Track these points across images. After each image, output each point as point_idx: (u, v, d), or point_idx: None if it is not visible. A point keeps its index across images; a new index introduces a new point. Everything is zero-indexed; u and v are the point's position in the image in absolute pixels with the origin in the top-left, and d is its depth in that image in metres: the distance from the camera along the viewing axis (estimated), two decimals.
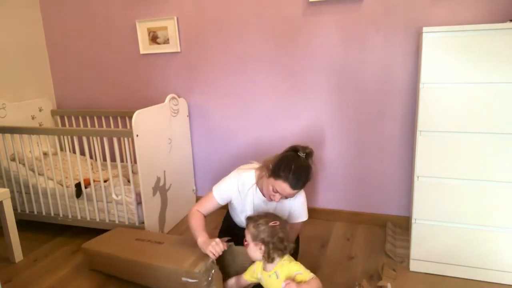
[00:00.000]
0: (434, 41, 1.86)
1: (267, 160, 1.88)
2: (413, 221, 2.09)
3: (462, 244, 2.03)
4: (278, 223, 1.72)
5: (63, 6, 3.18)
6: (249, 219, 1.78)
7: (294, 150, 1.85)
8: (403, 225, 2.62)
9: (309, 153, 1.85)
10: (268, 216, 1.76)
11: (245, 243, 1.75)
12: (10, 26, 3.03)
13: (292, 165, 1.76)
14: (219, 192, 1.97)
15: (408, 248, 2.26)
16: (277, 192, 1.79)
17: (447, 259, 2.07)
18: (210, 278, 1.77)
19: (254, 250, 1.72)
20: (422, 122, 1.96)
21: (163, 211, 2.70)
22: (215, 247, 1.76)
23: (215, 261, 1.82)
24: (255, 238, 1.71)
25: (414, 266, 2.14)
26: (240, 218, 2.03)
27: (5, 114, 2.90)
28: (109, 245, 2.25)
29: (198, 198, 3.16)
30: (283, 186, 1.76)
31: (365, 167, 2.65)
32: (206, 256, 1.81)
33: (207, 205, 1.98)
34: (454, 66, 1.86)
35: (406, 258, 2.23)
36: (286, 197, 1.83)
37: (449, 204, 2.00)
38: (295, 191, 1.79)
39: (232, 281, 1.90)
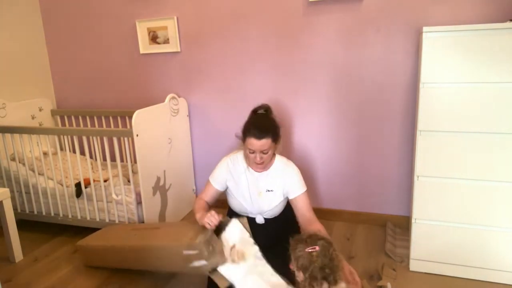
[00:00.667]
0: (434, 41, 1.86)
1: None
2: (413, 220, 2.09)
3: (462, 243, 2.03)
4: (317, 248, 1.48)
5: (63, 6, 3.18)
6: (292, 240, 1.58)
7: (253, 112, 2.00)
8: (403, 225, 2.62)
9: (266, 109, 1.99)
10: (312, 238, 1.55)
11: (291, 266, 1.59)
12: (10, 26, 3.03)
13: (251, 121, 1.92)
14: (213, 177, 2.06)
15: (408, 248, 2.26)
16: (253, 152, 1.87)
17: (447, 259, 2.07)
18: (211, 248, 1.77)
19: (299, 276, 1.53)
20: (422, 121, 1.96)
21: (163, 211, 2.70)
22: (210, 217, 1.79)
23: (213, 232, 1.81)
24: (295, 264, 1.52)
25: (414, 266, 2.14)
26: (238, 201, 2.02)
27: (5, 114, 2.90)
28: (104, 239, 2.27)
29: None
30: (252, 141, 1.84)
31: (365, 167, 2.65)
32: (205, 229, 1.83)
33: (207, 192, 2.07)
34: (454, 66, 1.86)
35: (406, 258, 2.24)
36: (264, 153, 1.86)
37: (449, 204, 2.00)
38: (263, 141, 1.83)
39: None
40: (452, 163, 1.95)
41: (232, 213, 2.15)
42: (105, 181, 2.64)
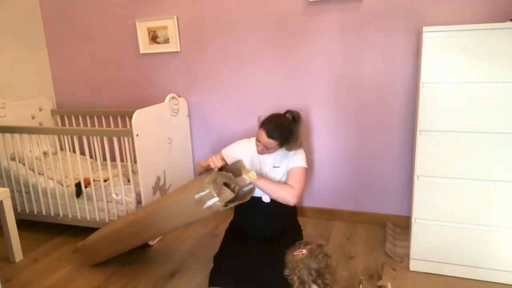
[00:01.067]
0: (434, 40, 1.87)
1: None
2: (413, 220, 2.09)
3: (462, 243, 2.03)
4: (303, 251, 1.50)
5: (63, 6, 3.17)
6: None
7: (286, 112, 2.08)
8: (403, 224, 2.62)
9: (295, 116, 2.05)
10: (303, 243, 1.57)
11: (285, 272, 1.60)
12: (10, 25, 3.03)
13: (274, 119, 2.00)
14: (225, 151, 2.18)
15: (408, 247, 2.26)
16: (259, 141, 2.00)
17: (447, 259, 2.08)
18: (219, 184, 1.91)
19: (292, 280, 1.54)
20: (422, 121, 1.96)
21: None
22: (214, 160, 2.01)
23: (217, 171, 1.98)
24: (287, 269, 1.55)
25: (414, 265, 2.14)
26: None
27: (5, 114, 2.90)
28: (105, 229, 2.30)
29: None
30: (261, 133, 1.97)
31: (364, 167, 2.65)
32: (209, 172, 1.99)
33: (219, 155, 2.15)
34: (454, 66, 1.86)
35: (406, 257, 2.24)
36: (267, 148, 1.99)
37: (449, 204, 2.00)
38: (270, 141, 1.95)
39: None
40: (452, 163, 1.95)
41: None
42: (105, 181, 2.64)
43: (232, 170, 2.09)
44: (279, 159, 2.11)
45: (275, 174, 2.10)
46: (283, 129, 1.97)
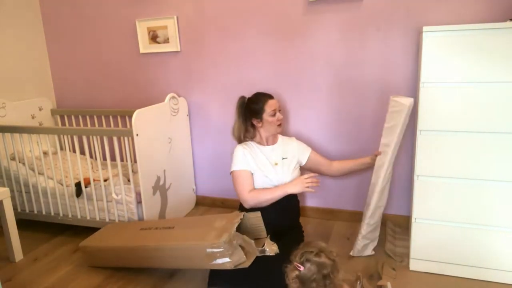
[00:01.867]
0: (434, 40, 1.86)
1: (236, 128, 2.32)
2: (413, 220, 2.09)
3: (462, 243, 2.03)
4: (301, 268, 1.43)
5: (63, 5, 3.17)
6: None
7: (243, 97, 2.32)
8: (403, 224, 2.62)
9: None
10: (304, 255, 1.46)
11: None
12: (10, 25, 3.03)
13: (255, 96, 2.27)
14: (237, 164, 2.17)
15: (408, 247, 2.26)
16: (274, 114, 2.19)
17: (447, 258, 2.07)
18: (233, 247, 1.85)
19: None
20: (422, 121, 1.96)
21: (163, 210, 2.70)
22: (310, 181, 2.07)
23: (236, 231, 1.89)
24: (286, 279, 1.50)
25: (414, 265, 2.14)
26: (263, 174, 2.17)
27: (5, 114, 2.90)
28: (110, 240, 2.26)
29: (198, 198, 3.16)
30: (271, 102, 2.21)
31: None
32: (227, 227, 1.90)
33: (246, 181, 2.14)
34: (454, 65, 1.86)
35: (406, 257, 2.24)
36: (279, 111, 2.23)
37: (449, 204, 2.00)
38: (275, 100, 2.25)
39: None
40: (453, 162, 1.95)
41: (243, 209, 2.18)
42: (105, 180, 2.64)
43: (251, 229, 2.06)
44: (282, 149, 2.26)
45: (288, 165, 2.22)
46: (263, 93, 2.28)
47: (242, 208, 2.21)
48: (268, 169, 2.18)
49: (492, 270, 2.01)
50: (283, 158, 2.23)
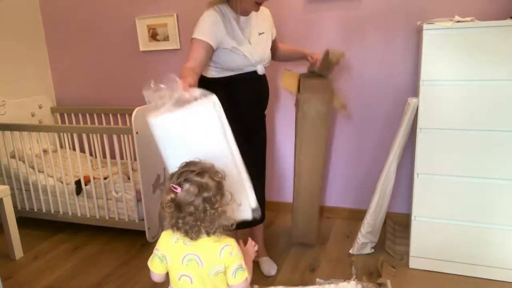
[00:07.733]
0: (434, 38, 1.86)
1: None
2: (413, 218, 2.09)
3: (461, 241, 2.03)
4: (179, 189, 1.24)
5: (63, 3, 3.17)
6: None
7: None
8: (403, 222, 2.62)
9: None
10: (186, 170, 1.27)
11: None
12: (10, 23, 3.03)
13: None
14: (203, 33, 1.75)
15: (407, 245, 2.26)
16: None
17: (446, 256, 2.08)
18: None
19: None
20: (422, 119, 1.96)
21: None
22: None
23: None
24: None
25: (413, 263, 2.15)
26: (240, 52, 1.85)
27: (5, 111, 2.90)
28: None
29: None
30: None
31: (364, 165, 2.65)
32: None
33: (196, 55, 1.74)
34: (454, 64, 1.86)
35: (405, 255, 2.24)
36: None
37: (449, 202, 2.00)
38: None
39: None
40: (453, 160, 1.95)
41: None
42: (105, 178, 2.64)
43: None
44: (261, 22, 1.96)
45: (264, 41, 1.98)
46: None
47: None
48: (245, 44, 1.88)
49: (492, 268, 2.01)
50: (260, 34, 1.94)
